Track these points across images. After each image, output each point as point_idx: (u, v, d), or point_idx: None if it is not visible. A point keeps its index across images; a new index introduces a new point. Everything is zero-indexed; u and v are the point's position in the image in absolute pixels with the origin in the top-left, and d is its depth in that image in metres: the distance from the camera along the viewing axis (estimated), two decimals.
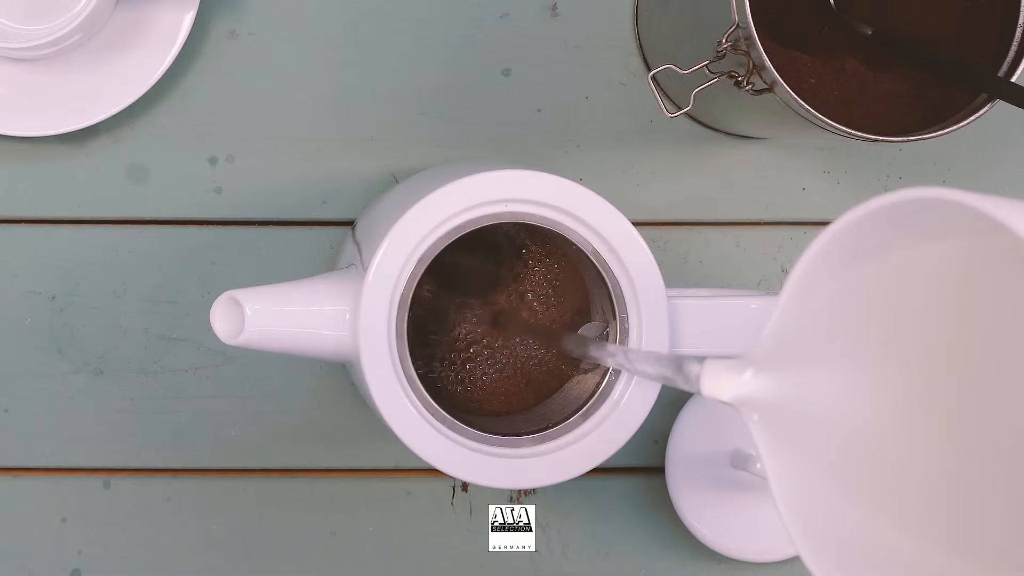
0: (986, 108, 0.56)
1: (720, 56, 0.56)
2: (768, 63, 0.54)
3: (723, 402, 0.41)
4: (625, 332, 0.54)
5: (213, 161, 0.70)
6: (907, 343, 0.40)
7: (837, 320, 0.41)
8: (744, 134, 0.71)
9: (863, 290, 0.40)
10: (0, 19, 0.66)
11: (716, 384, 0.41)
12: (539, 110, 0.70)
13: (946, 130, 0.56)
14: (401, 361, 0.52)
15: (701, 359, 0.42)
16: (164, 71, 0.67)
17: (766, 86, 0.55)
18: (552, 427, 0.54)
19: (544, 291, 0.60)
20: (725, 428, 0.69)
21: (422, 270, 0.53)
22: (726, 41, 0.55)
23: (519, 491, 0.70)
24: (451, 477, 0.68)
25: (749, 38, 0.54)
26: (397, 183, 0.69)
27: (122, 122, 0.69)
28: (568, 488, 0.56)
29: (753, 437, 0.40)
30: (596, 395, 0.54)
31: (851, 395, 0.40)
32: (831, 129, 0.55)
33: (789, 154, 0.71)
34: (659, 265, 0.54)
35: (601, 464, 0.54)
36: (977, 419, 0.39)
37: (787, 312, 0.39)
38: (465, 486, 0.71)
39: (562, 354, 0.59)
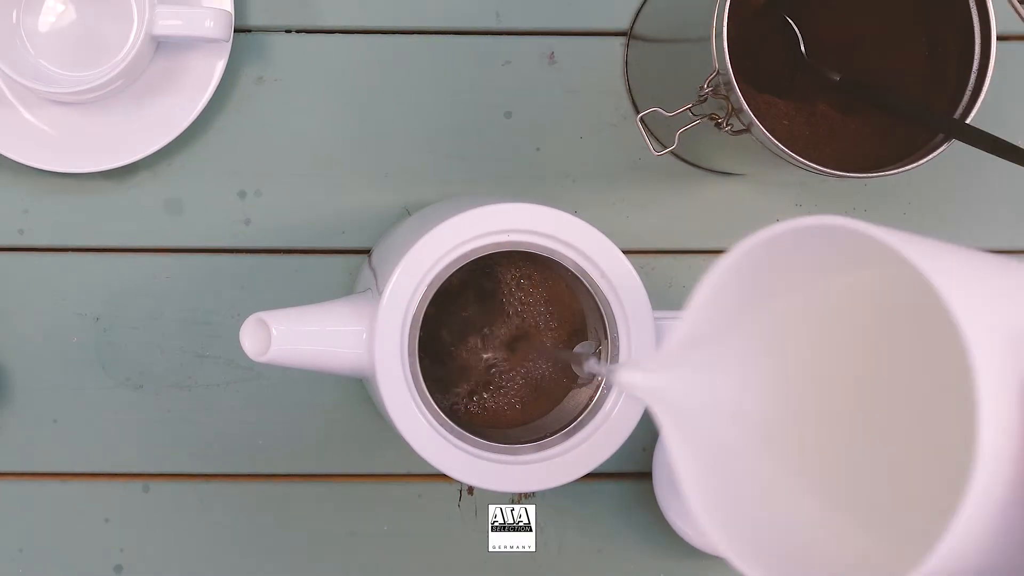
0: (944, 147, 0.56)
1: (702, 100, 0.56)
2: (745, 106, 0.54)
3: (636, 396, 0.42)
4: (616, 350, 0.54)
5: (242, 195, 0.70)
6: (808, 350, 0.42)
7: (740, 325, 0.42)
8: (724, 171, 0.71)
9: (768, 304, 0.41)
10: (51, 66, 0.66)
11: (629, 380, 0.41)
12: (538, 149, 0.70)
13: (907, 167, 0.56)
14: (413, 376, 0.52)
15: (628, 363, 0.43)
16: (198, 113, 0.67)
17: (744, 127, 0.55)
18: (550, 436, 0.54)
19: (543, 313, 0.60)
20: None
21: (432, 293, 0.53)
22: (707, 86, 0.55)
23: (519, 494, 0.70)
24: (458, 481, 0.68)
25: (728, 83, 0.54)
26: (409, 215, 0.69)
27: (160, 160, 0.69)
28: (564, 491, 0.55)
29: (661, 428, 0.40)
30: (589, 407, 0.54)
31: (753, 390, 0.42)
32: (803, 166, 0.55)
33: (764, 189, 0.71)
34: (646, 289, 0.54)
35: (594, 470, 0.54)
36: (872, 413, 0.41)
37: (695, 320, 0.40)
38: (471, 490, 0.71)
39: (559, 367, 0.59)
